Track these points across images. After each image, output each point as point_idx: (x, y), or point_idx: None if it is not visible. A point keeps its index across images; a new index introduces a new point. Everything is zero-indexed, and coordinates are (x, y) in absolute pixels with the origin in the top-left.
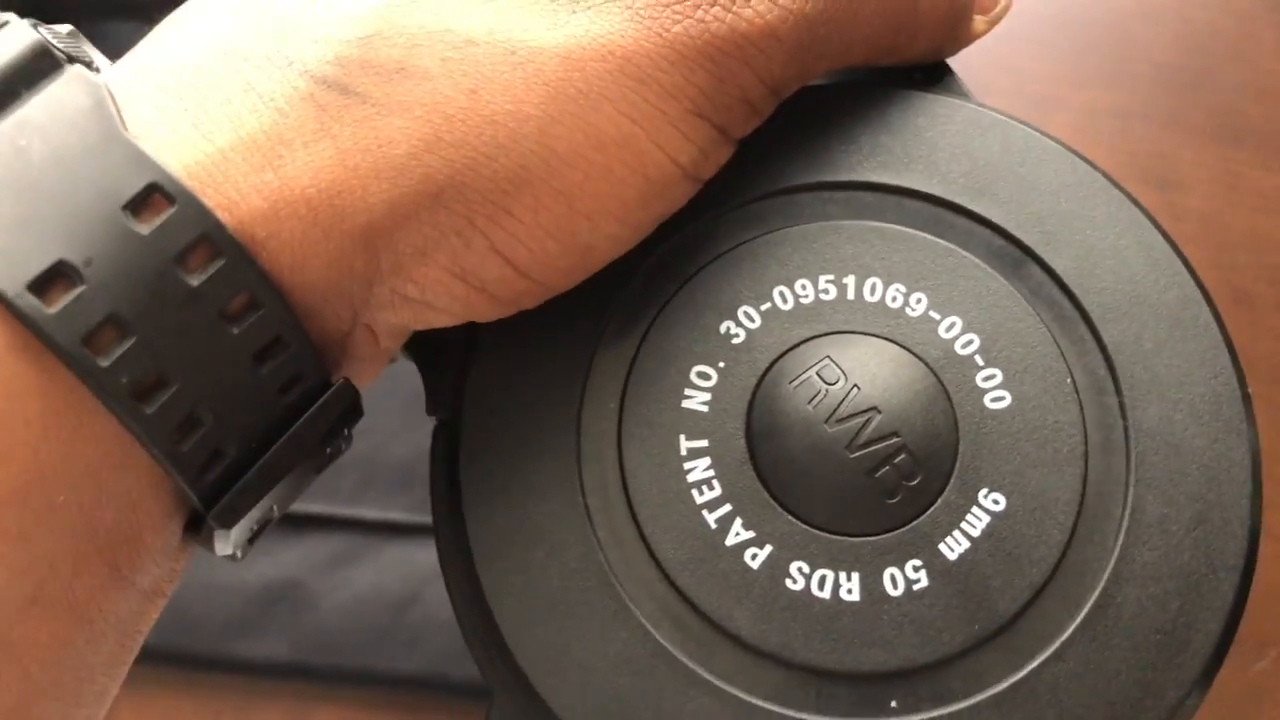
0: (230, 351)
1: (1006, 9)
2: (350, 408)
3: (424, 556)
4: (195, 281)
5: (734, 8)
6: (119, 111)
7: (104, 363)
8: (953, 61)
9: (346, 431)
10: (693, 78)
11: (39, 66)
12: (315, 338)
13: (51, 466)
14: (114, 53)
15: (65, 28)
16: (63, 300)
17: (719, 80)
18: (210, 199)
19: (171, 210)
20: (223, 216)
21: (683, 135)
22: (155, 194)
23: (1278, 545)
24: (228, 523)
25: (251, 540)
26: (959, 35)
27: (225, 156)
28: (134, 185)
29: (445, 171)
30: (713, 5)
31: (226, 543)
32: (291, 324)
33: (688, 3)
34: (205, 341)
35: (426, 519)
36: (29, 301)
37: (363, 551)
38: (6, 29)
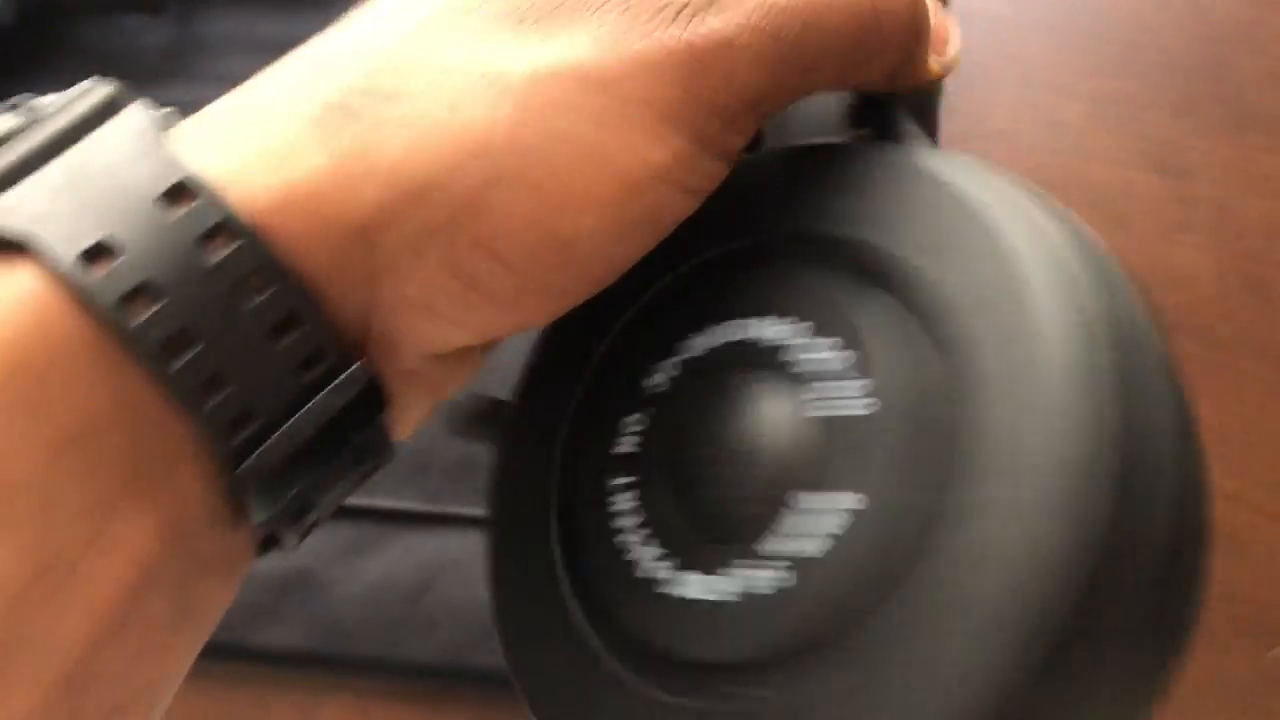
0: (247, 321)
1: (955, 61)
2: (368, 388)
3: (436, 546)
4: (215, 259)
5: (690, 24)
6: (168, 136)
7: (136, 320)
8: (961, 51)
9: (376, 423)
10: (656, 87)
11: (113, 106)
12: (329, 318)
13: (103, 413)
14: (127, 47)
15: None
16: (105, 269)
17: (684, 89)
18: (229, 195)
19: (196, 202)
20: (239, 209)
21: (653, 138)
22: (183, 190)
23: None
24: (257, 476)
25: (302, 535)
26: (916, 65)
27: (245, 164)
28: (166, 182)
29: (426, 173)
30: (670, 25)
31: (265, 508)
32: (304, 300)
33: (648, 24)
34: (225, 309)
35: (439, 508)
36: (78, 269)
37: (376, 541)
38: (94, 80)
